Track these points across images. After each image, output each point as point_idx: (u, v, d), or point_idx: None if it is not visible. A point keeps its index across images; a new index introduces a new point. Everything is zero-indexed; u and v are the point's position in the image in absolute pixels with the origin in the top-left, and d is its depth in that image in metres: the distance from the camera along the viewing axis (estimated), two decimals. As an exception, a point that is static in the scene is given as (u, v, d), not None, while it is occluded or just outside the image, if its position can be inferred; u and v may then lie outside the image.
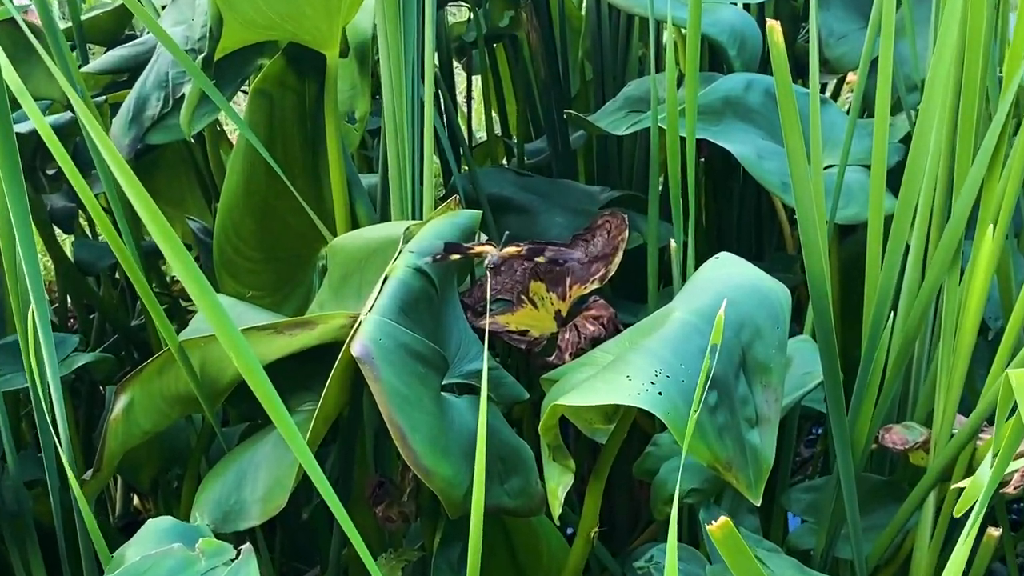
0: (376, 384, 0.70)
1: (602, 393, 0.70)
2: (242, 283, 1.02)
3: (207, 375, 0.81)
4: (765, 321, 0.77)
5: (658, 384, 0.69)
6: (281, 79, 0.98)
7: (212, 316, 0.58)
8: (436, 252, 0.74)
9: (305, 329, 0.78)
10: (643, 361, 0.71)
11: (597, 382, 0.71)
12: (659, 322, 0.78)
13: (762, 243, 1.54)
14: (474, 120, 2.66)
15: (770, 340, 0.77)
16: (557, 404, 0.72)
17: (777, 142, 1.12)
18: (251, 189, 1.00)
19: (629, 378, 0.70)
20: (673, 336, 0.73)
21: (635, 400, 0.68)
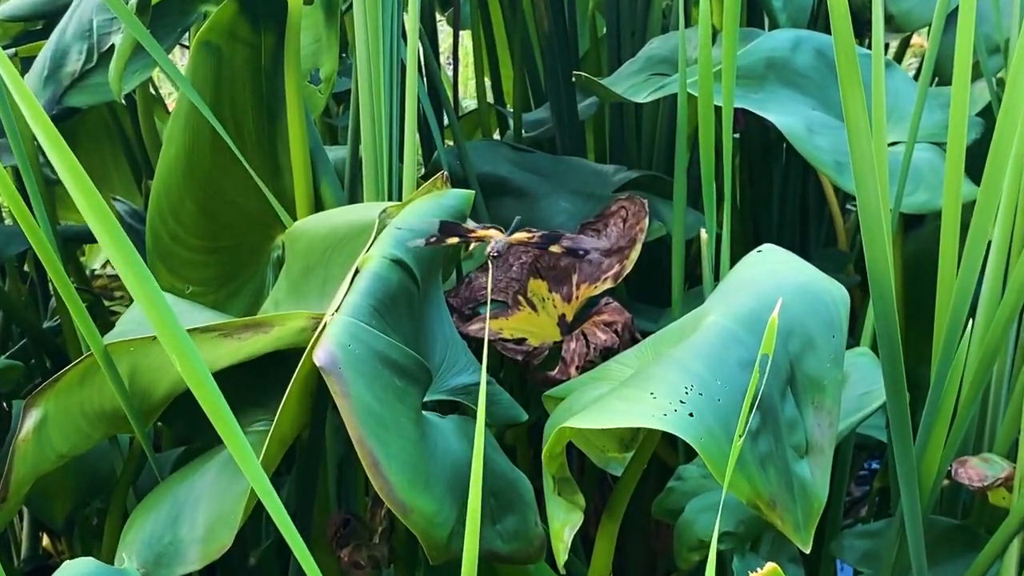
0: (344, 400, 0.70)
1: (620, 414, 0.69)
2: (180, 276, 1.02)
3: (138, 387, 0.80)
4: (818, 329, 0.76)
5: (689, 403, 0.69)
6: (231, 29, 0.97)
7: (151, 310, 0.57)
8: (428, 234, 0.73)
9: (258, 332, 0.77)
10: (670, 375, 0.70)
11: (614, 400, 0.70)
12: (689, 328, 0.77)
13: (807, 236, 1.54)
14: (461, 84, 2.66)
15: (824, 352, 0.76)
16: (565, 427, 0.71)
17: (830, 113, 1.12)
18: (193, 163, 0.99)
19: (653, 395, 0.69)
20: (707, 345, 0.72)
21: (661, 423, 0.68)
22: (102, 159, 1.53)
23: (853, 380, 0.95)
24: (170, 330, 0.56)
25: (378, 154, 0.94)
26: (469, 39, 1.67)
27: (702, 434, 0.68)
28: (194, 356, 0.56)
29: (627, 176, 1.30)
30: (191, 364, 0.56)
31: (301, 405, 0.77)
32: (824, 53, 1.15)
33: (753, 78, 1.12)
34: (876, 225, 0.81)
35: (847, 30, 0.76)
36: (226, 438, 0.58)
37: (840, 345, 0.78)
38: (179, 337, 0.56)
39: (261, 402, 0.87)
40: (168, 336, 0.56)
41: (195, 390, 0.56)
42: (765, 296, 0.76)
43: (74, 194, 0.56)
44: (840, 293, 0.80)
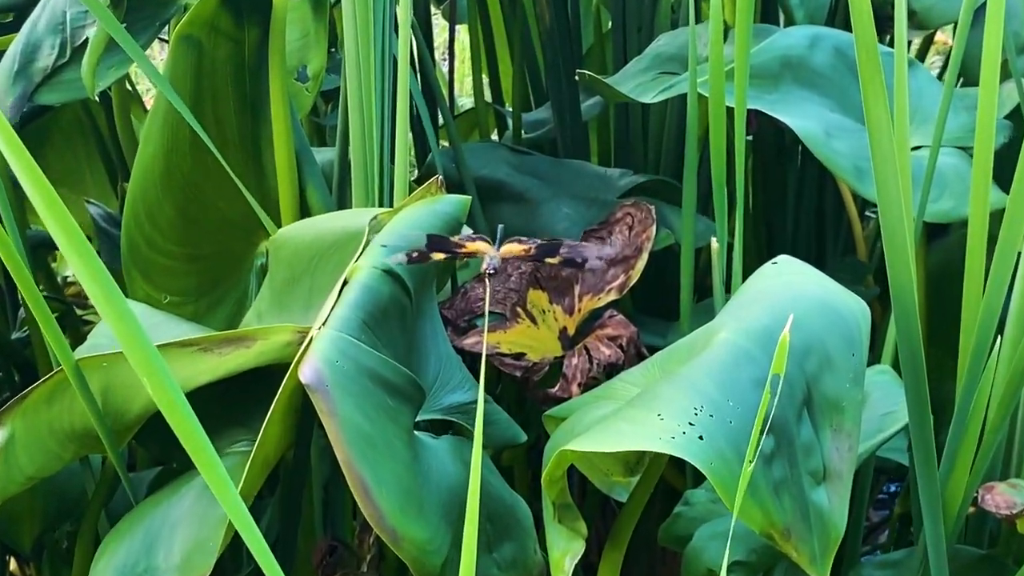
0: (331, 420, 0.69)
1: (626, 436, 0.69)
2: (157, 285, 1.01)
3: (111, 405, 0.80)
4: (837, 346, 0.76)
5: (699, 425, 0.68)
6: (213, 23, 0.97)
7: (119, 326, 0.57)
8: (414, 249, 0.72)
9: (239, 347, 0.77)
10: (679, 395, 0.70)
11: (619, 421, 0.70)
12: (699, 345, 0.77)
13: (824, 245, 1.54)
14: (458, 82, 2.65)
15: (843, 371, 0.76)
16: (566, 450, 0.71)
17: (849, 115, 1.11)
18: (171, 164, 0.99)
19: (661, 417, 0.69)
20: (718, 364, 0.72)
21: (669, 446, 0.67)
22: (76, 160, 1.52)
23: (873, 400, 0.94)
24: (138, 346, 0.56)
25: (368, 156, 0.94)
26: (466, 34, 1.66)
27: (712, 458, 0.67)
28: (165, 374, 0.55)
29: (633, 181, 1.30)
30: (161, 383, 0.56)
31: (285, 425, 0.77)
32: (843, 51, 1.14)
33: (767, 78, 1.12)
34: (899, 235, 0.80)
35: (868, 26, 0.75)
36: (200, 464, 0.57)
37: (860, 364, 0.77)
38: (148, 354, 0.56)
39: (243, 421, 0.86)
40: (136, 353, 0.55)
41: (166, 412, 0.55)
42: (780, 311, 0.75)
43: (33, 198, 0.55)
44: (860, 308, 0.79)
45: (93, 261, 0.55)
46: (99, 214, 1.33)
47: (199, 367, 0.77)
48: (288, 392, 0.74)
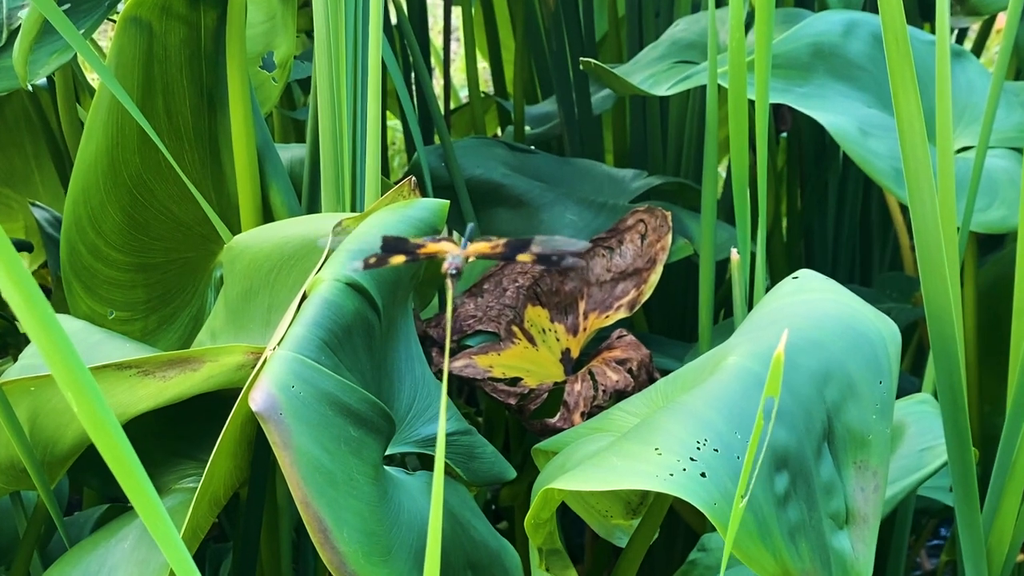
0: (285, 452, 0.69)
1: (618, 473, 0.68)
2: (102, 299, 1.01)
3: (40, 434, 0.80)
4: (861, 372, 0.76)
5: (701, 461, 0.68)
6: (164, 3, 0.97)
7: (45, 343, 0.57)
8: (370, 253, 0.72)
9: (185, 369, 0.77)
10: (680, 427, 0.70)
11: (611, 456, 0.70)
12: (707, 370, 0.77)
13: (869, 258, 1.54)
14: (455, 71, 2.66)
15: (868, 401, 0.76)
16: (551, 488, 0.71)
17: (889, 112, 1.11)
18: (117, 163, 0.99)
19: (658, 451, 0.69)
20: (725, 391, 0.72)
21: (666, 484, 0.67)
22: (23, 158, 1.53)
23: (911, 433, 0.94)
24: (66, 365, 0.55)
25: (339, 153, 0.94)
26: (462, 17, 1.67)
27: (716, 498, 0.67)
28: (97, 400, 0.55)
29: (648, 183, 1.30)
30: (93, 410, 0.56)
31: (237, 458, 0.77)
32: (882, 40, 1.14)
33: (797, 68, 1.12)
34: (934, 248, 0.80)
35: (897, 9, 0.75)
36: (136, 501, 0.57)
37: (888, 393, 0.77)
38: (78, 375, 0.56)
39: (192, 454, 0.86)
40: (64, 373, 0.55)
41: (98, 443, 0.55)
42: (797, 333, 0.75)
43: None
44: (890, 331, 0.79)
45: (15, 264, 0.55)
46: (46, 218, 1.33)
47: (139, 392, 0.77)
48: (239, 421, 0.73)
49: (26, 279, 0.56)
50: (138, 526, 0.82)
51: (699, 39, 1.24)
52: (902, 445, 0.94)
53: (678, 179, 1.33)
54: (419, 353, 0.87)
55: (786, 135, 1.50)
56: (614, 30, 1.64)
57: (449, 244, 0.71)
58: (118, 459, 0.57)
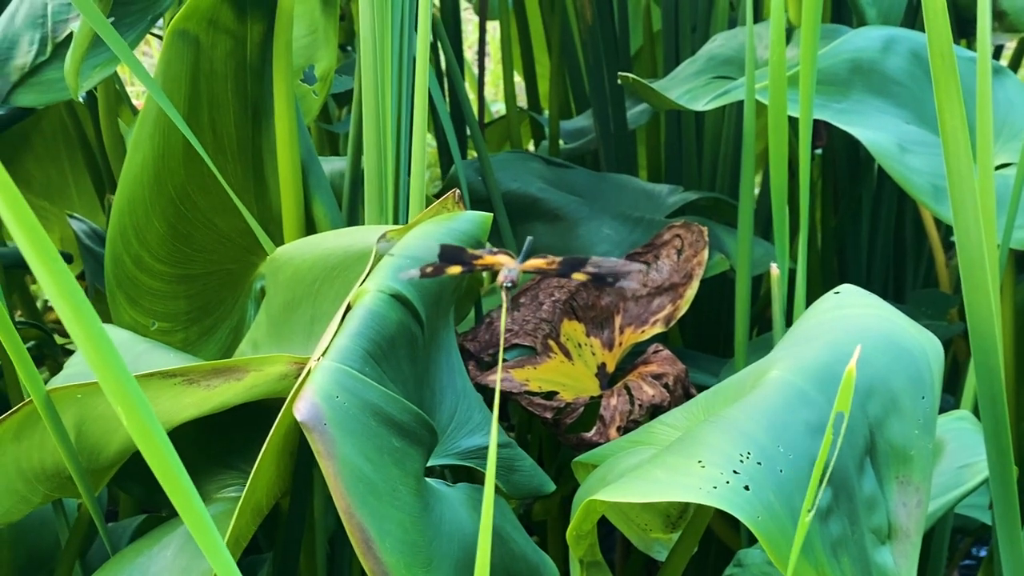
0: (329, 462, 0.70)
1: (661, 485, 0.69)
2: (144, 309, 1.02)
3: (85, 441, 0.80)
4: (904, 388, 0.76)
5: (744, 474, 0.68)
6: (212, 16, 0.98)
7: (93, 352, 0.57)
8: (426, 263, 0.73)
9: (229, 378, 0.77)
10: (723, 440, 0.70)
11: (654, 468, 0.70)
12: (748, 384, 0.77)
13: (903, 275, 1.53)
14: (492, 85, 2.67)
15: (911, 416, 0.76)
16: (594, 500, 0.71)
17: (928, 128, 1.11)
18: (162, 176, 1.00)
19: (702, 464, 0.69)
20: (768, 405, 0.72)
21: (710, 497, 0.67)
22: (59, 170, 1.54)
23: (950, 450, 0.94)
24: (113, 373, 0.56)
25: (383, 166, 0.94)
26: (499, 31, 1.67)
27: (759, 511, 0.67)
28: (143, 407, 0.56)
29: (684, 198, 1.30)
30: (139, 417, 0.56)
31: (279, 468, 0.77)
32: (922, 56, 1.14)
33: (835, 84, 1.12)
34: (978, 264, 0.80)
35: (943, 25, 0.75)
36: (182, 511, 0.57)
37: (931, 408, 0.77)
38: (125, 383, 0.56)
39: (234, 463, 0.86)
40: (111, 381, 0.56)
41: (144, 450, 0.56)
42: (840, 347, 0.75)
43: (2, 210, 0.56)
44: (932, 346, 0.79)
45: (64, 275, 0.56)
46: (83, 230, 1.34)
47: (183, 401, 0.78)
48: (282, 431, 0.74)
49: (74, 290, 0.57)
50: (180, 535, 0.82)
51: (736, 54, 1.24)
52: (941, 462, 0.94)
53: (714, 194, 1.34)
54: (460, 366, 0.88)
55: (820, 151, 1.50)
56: (649, 44, 1.65)
57: (505, 257, 0.71)
58: (164, 468, 0.58)
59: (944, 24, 0.75)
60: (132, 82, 2.24)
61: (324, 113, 1.53)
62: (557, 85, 1.57)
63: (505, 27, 1.59)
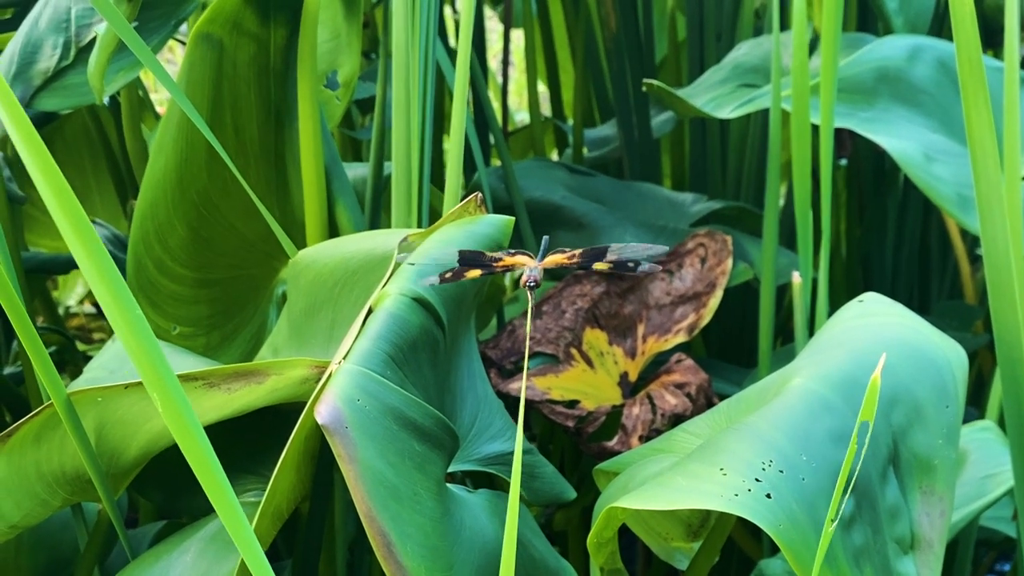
0: (351, 466, 0.70)
1: (682, 493, 0.68)
2: (166, 314, 1.02)
3: (105, 444, 0.80)
4: (928, 397, 0.76)
5: (766, 482, 0.68)
6: (236, 20, 0.98)
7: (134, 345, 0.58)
8: (445, 269, 0.73)
9: (250, 382, 0.77)
10: (745, 447, 0.70)
11: (675, 476, 0.70)
12: (771, 392, 0.77)
13: (928, 286, 1.53)
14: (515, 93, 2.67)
15: (935, 426, 0.75)
16: (615, 507, 0.71)
17: (954, 137, 1.11)
18: (185, 180, 1.00)
19: (723, 471, 0.69)
20: (791, 413, 0.72)
21: (731, 505, 0.67)
22: (82, 174, 1.54)
23: (973, 460, 0.94)
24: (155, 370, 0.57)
25: (411, 172, 0.95)
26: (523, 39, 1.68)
27: (781, 520, 0.67)
28: (183, 403, 0.57)
29: (708, 207, 1.30)
30: (179, 412, 0.57)
31: (300, 472, 0.77)
32: (948, 64, 1.14)
33: (861, 92, 1.12)
34: (1005, 273, 0.80)
35: (972, 33, 0.75)
36: (216, 500, 0.58)
37: (955, 418, 0.77)
38: (166, 380, 0.57)
39: (253, 468, 0.87)
40: (154, 377, 0.57)
41: (181, 441, 0.56)
42: (863, 356, 0.75)
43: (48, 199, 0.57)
44: (957, 355, 0.79)
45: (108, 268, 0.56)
46: (105, 236, 1.34)
47: (204, 404, 0.78)
48: (303, 434, 0.74)
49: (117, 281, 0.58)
50: (200, 539, 0.82)
51: (762, 63, 1.25)
52: (964, 472, 0.94)
53: (738, 203, 1.34)
54: (481, 371, 0.88)
55: (845, 161, 1.50)
56: (673, 53, 1.65)
57: (525, 257, 0.71)
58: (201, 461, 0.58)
59: (973, 31, 0.75)
60: (156, 88, 2.24)
61: (347, 119, 1.54)
62: (581, 93, 1.58)
63: (529, 35, 1.60)
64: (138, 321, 0.57)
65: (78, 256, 0.57)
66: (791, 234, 1.38)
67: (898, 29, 1.21)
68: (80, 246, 0.57)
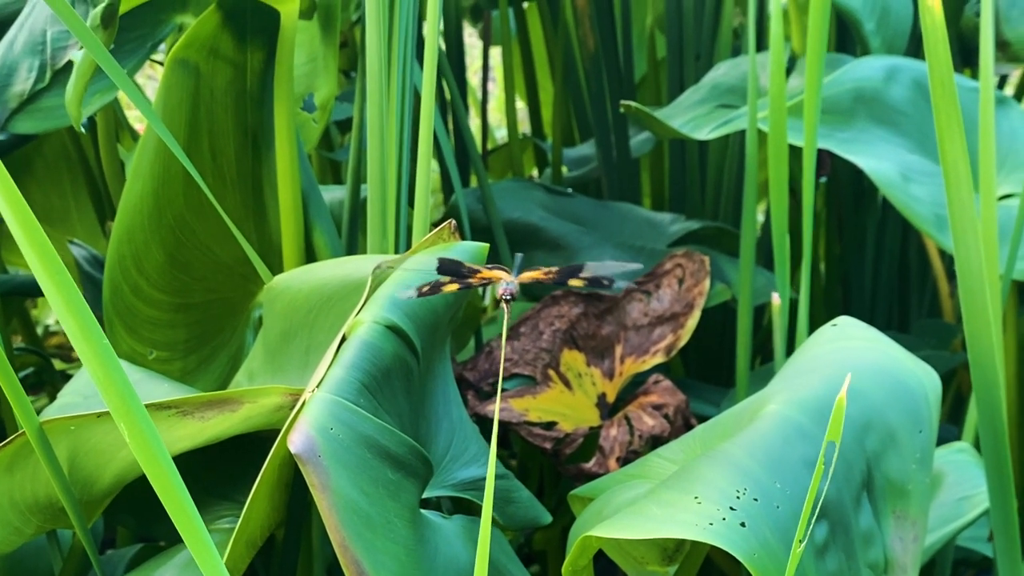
0: (323, 495, 0.69)
1: (656, 521, 0.68)
2: (142, 338, 1.02)
3: (79, 473, 0.80)
4: (901, 421, 0.76)
5: (741, 511, 0.68)
6: (212, 45, 0.98)
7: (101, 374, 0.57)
8: (424, 282, 0.73)
9: (224, 410, 0.77)
10: (719, 475, 0.70)
11: (650, 504, 0.70)
12: (746, 417, 0.77)
13: (907, 305, 1.53)
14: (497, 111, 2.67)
15: (908, 450, 0.76)
16: (589, 536, 0.71)
17: (930, 157, 1.11)
18: (162, 205, 1.00)
19: (698, 500, 0.69)
20: (765, 439, 0.72)
21: (705, 534, 0.67)
22: (61, 195, 1.54)
23: (949, 482, 0.94)
24: (123, 400, 0.56)
25: (385, 195, 0.95)
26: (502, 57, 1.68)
27: (755, 549, 0.67)
28: (151, 434, 0.56)
29: (686, 227, 1.30)
30: (146, 441, 0.56)
31: (274, 500, 0.77)
32: (925, 85, 1.14)
33: (838, 113, 1.12)
34: (978, 294, 0.80)
35: (944, 54, 0.75)
36: (184, 531, 0.58)
37: (928, 442, 0.77)
38: (134, 410, 0.56)
39: (228, 495, 0.86)
40: (121, 407, 0.56)
41: (148, 471, 0.56)
42: (836, 381, 0.75)
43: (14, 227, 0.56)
44: (930, 379, 0.79)
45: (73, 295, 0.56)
46: (83, 256, 1.34)
47: (178, 432, 0.78)
48: (277, 463, 0.74)
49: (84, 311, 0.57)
50: (175, 565, 0.82)
51: (740, 83, 1.25)
52: (940, 494, 0.94)
53: (716, 224, 1.34)
54: (456, 397, 0.88)
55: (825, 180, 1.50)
56: (652, 72, 1.65)
57: (502, 272, 0.71)
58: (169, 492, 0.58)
59: (944, 51, 0.75)
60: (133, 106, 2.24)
61: (327, 140, 1.54)
62: (560, 112, 1.57)
63: (507, 54, 1.60)
64: (105, 352, 0.57)
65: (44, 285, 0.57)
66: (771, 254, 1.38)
67: (875, 50, 1.21)
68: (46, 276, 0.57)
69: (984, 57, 0.92)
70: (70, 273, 1.39)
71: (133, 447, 0.57)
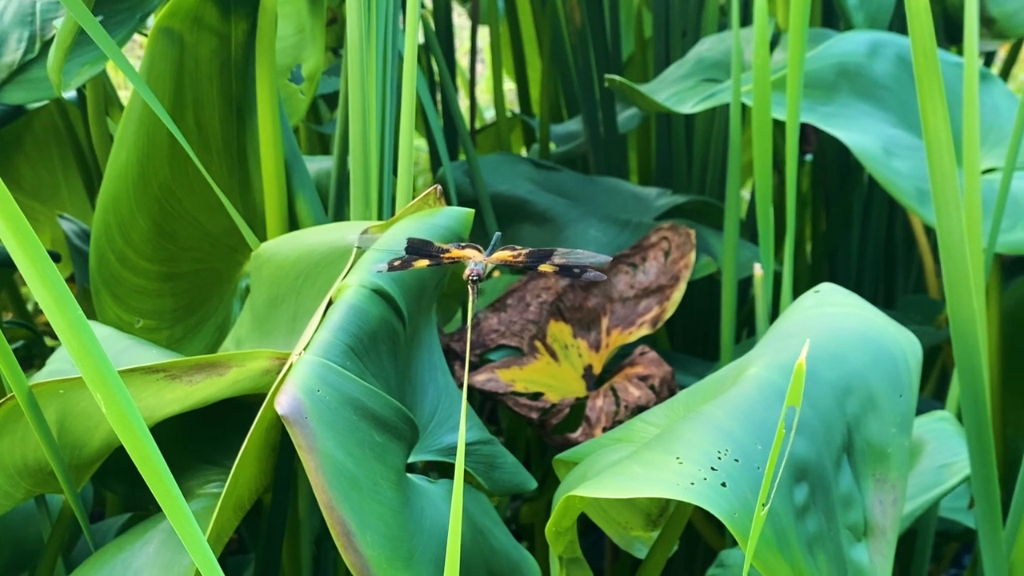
0: (310, 456, 0.70)
1: (639, 481, 0.69)
2: (129, 307, 1.02)
3: (68, 437, 0.80)
4: (882, 386, 0.76)
5: (722, 471, 0.69)
6: (196, 14, 0.98)
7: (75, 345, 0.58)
8: (394, 257, 0.73)
9: (212, 374, 0.77)
10: (701, 436, 0.70)
11: (632, 464, 0.70)
12: (728, 381, 0.77)
13: (893, 281, 1.54)
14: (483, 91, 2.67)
15: (889, 414, 0.76)
16: (572, 495, 0.71)
17: (913, 132, 1.12)
18: (147, 173, 1.00)
19: (679, 460, 0.69)
20: (747, 402, 0.73)
21: (687, 493, 0.68)
22: (51, 171, 1.54)
23: (930, 450, 0.95)
24: (97, 367, 0.57)
25: (368, 164, 0.95)
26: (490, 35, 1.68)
27: (736, 508, 0.68)
28: (126, 401, 0.56)
29: (672, 201, 1.31)
30: (122, 411, 0.57)
31: (261, 463, 0.77)
32: (908, 60, 1.15)
33: (821, 87, 1.13)
34: (960, 266, 0.81)
35: (927, 25, 0.76)
36: (162, 500, 0.58)
37: (908, 406, 0.77)
38: (108, 377, 0.57)
39: (216, 459, 0.87)
40: (94, 374, 0.57)
41: (127, 444, 0.56)
42: (818, 345, 0.76)
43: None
44: (911, 344, 0.80)
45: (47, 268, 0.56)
46: (73, 230, 1.34)
47: (165, 396, 0.78)
48: (264, 426, 0.74)
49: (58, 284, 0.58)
50: (162, 530, 0.82)
51: (725, 58, 1.25)
52: (921, 462, 0.95)
53: (702, 198, 1.34)
54: (442, 363, 0.88)
55: (811, 157, 1.51)
56: (640, 50, 1.65)
57: (473, 251, 0.72)
58: (146, 460, 0.58)
59: (927, 22, 0.76)
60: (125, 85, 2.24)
61: (316, 114, 1.54)
62: (548, 89, 1.58)
63: (495, 32, 1.60)
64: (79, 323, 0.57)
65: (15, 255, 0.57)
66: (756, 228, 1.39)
67: (859, 25, 1.21)
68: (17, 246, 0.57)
69: (969, 31, 0.93)
70: (60, 247, 1.40)
71: (110, 416, 0.57)
